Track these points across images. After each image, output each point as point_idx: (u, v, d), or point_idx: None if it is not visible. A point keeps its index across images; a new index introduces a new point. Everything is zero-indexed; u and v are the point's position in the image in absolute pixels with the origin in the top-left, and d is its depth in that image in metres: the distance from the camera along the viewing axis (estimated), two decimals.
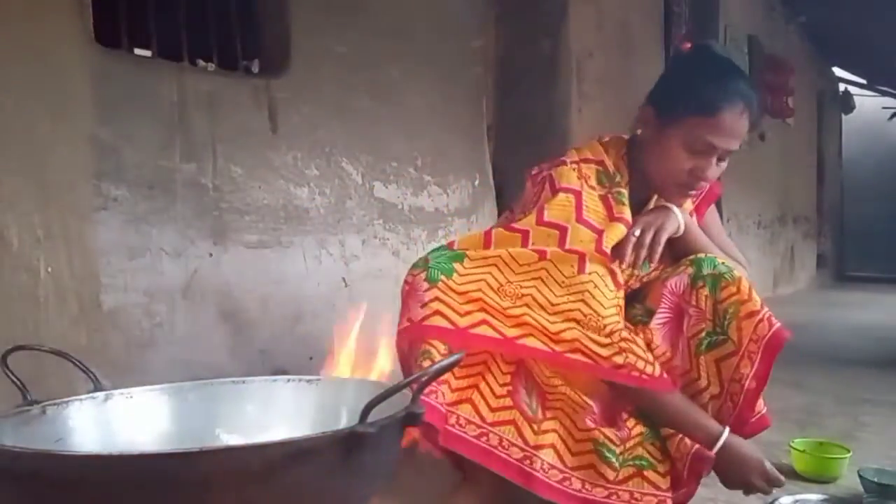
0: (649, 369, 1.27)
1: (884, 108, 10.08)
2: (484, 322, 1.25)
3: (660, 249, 1.35)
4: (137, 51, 2.14)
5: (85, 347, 1.74)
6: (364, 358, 1.32)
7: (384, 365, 1.31)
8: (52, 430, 0.97)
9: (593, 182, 1.42)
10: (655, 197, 1.51)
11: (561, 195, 1.37)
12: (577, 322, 1.25)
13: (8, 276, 1.63)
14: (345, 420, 1.05)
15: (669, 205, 1.43)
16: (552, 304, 1.26)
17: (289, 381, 1.16)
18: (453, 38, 2.98)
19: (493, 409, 1.32)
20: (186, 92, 2.01)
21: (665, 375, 1.30)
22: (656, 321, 1.37)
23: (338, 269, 2.45)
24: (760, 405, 1.35)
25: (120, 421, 1.06)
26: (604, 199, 1.40)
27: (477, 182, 3.07)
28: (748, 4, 6.44)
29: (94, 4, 1.84)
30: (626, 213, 1.38)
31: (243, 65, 2.31)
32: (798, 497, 1.54)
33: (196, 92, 2.03)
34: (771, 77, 6.85)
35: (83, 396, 1.03)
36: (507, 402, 1.33)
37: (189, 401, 1.12)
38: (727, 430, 1.31)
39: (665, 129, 1.39)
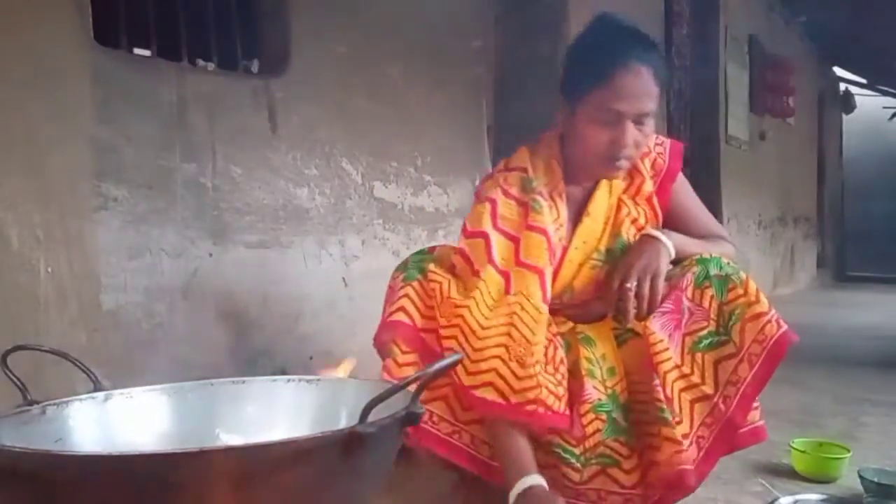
0: (556, 405, 1.25)
1: (884, 107, 10.08)
2: (434, 331, 1.31)
3: (659, 297, 1.31)
4: (137, 50, 2.14)
5: (85, 347, 1.73)
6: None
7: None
8: (52, 430, 0.97)
9: (516, 190, 1.41)
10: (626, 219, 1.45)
11: (478, 205, 1.42)
12: (506, 348, 1.24)
13: (8, 276, 1.63)
14: (345, 420, 1.04)
15: (653, 232, 1.38)
16: (482, 328, 1.26)
17: (289, 381, 1.15)
18: (453, 38, 2.98)
19: (465, 408, 1.33)
20: (186, 92, 2.01)
21: (566, 411, 1.27)
22: (660, 310, 1.32)
23: (338, 269, 2.45)
24: (756, 416, 1.32)
25: (120, 421, 1.05)
26: (523, 205, 1.39)
27: (477, 182, 3.07)
28: (748, 4, 6.44)
29: (94, 4, 1.83)
30: (541, 221, 1.36)
31: (243, 65, 2.31)
32: (798, 497, 1.54)
33: (196, 92, 2.03)
34: (771, 77, 6.84)
35: (83, 396, 1.03)
36: None
37: (189, 401, 1.11)
38: (527, 481, 1.22)
39: (574, 112, 1.37)
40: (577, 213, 1.44)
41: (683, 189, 1.53)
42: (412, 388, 0.84)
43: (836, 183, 10.25)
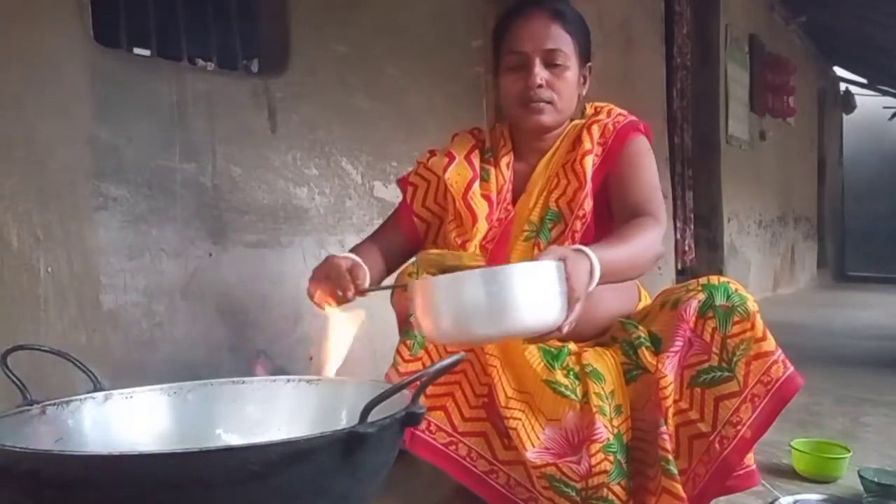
0: None
1: (884, 107, 10.09)
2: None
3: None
4: (137, 50, 2.15)
5: (85, 347, 1.73)
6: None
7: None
8: (52, 430, 0.97)
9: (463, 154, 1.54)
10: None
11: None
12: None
13: (8, 276, 1.63)
14: (345, 420, 1.05)
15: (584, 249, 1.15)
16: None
17: (289, 381, 1.16)
18: (453, 37, 2.97)
19: (465, 419, 1.32)
20: (186, 91, 2.01)
21: None
22: (671, 349, 1.26)
23: None
24: (750, 459, 1.27)
25: (120, 421, 1.05)
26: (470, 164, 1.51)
27: None
28: (749, 4, 6.44)
29: (93, 4, 1.83)
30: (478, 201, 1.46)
31: (243, 64, 2.31)
32: (798, 497, 1.54)
33: (195, 91, 2.03)
34: (772, 76, 6.85)
35: (83, 396, 1.03)
36: (482, 413, 1.32)
37: (189, 401, 1.11)
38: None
39: (499, 79, 1.50)
40: (520, 191, 1.50)
41: (633, 158, 1.45)
42: (412, 388, 0.84)
43: (836, 183, 10.26)
